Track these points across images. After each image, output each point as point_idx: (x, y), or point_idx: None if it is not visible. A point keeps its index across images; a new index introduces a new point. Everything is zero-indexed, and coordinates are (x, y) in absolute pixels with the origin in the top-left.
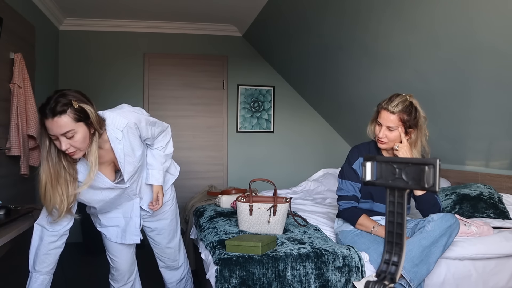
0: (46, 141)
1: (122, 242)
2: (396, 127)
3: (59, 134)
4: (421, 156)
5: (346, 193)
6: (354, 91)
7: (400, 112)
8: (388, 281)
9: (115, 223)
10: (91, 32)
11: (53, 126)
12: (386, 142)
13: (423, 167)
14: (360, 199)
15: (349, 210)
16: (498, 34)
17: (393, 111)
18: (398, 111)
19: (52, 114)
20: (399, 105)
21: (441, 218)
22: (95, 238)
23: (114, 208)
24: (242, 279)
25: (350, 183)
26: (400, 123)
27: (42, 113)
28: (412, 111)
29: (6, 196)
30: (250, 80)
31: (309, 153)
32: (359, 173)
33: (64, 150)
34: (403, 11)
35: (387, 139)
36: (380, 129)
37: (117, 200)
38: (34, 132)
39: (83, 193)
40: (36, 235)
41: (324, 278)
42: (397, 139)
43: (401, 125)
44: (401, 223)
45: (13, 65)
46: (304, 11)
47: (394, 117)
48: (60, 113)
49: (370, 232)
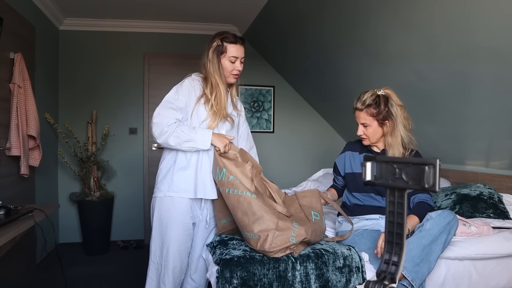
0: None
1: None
2: (370, 122)
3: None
4: (404, 146)
5: (332, 181)
6: (354, 90)
7: (367, 107)
8: (388, 281)
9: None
10: (91, 32)
11: (240, 51)
12: (366, 138)
13: (423, 167)
14: (351, 192)
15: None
16: (497, 33)
17: (361, 108)
18: (365, 107)
19: (242, 41)
20: (366, 101)
21: (439, 215)
22: (95, 238)
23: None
24: (243, 279)
25: (333, 172)
26: (370, 118)
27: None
28: (380, 103)
29: (6, 196)
30: (250, 80)
31: (309, 153)
32: (341, 166)
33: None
34: (402, 11)
35: (366, 136)
36: (358, 128)
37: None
38: (34, 132)
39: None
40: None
41: (325, 278)
42: (375, 134)
43: (372, 120)
44: (401, 223)
45: (13, 65)
46: (304, 11)
47: (363, 113)
48: (243, 41)
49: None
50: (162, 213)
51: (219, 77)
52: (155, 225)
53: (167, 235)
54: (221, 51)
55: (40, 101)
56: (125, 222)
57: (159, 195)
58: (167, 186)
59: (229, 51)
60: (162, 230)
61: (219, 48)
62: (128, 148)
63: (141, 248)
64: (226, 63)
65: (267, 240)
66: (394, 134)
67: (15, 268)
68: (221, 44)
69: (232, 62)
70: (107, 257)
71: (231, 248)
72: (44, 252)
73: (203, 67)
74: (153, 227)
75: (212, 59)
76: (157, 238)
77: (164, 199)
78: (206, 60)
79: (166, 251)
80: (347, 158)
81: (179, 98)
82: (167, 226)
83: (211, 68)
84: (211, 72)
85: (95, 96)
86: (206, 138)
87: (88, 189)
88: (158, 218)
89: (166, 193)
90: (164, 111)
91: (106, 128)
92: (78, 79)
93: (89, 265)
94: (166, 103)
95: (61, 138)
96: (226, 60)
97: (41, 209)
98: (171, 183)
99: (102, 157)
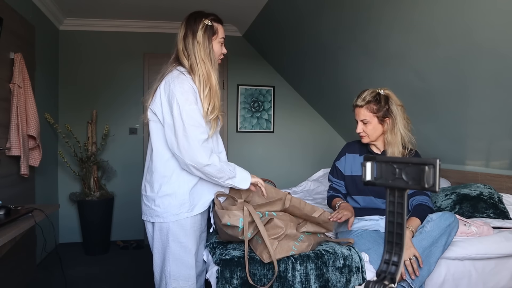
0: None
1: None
2: (369, 119)
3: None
4: (403, 145)
5: (331, 184)
6: (353, 90)
7: (368, 103)
8: (388, 281)
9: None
10: (91, 32)
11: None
12: (365, 136)
13: (423, 167)
14: (351, 195)
15: (329, 198)
16: (497, 33)
17: (361, 104)
18: (365, 103)
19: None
20: (366, 97)
21: (440, 217)
22: (95, 238)
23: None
24: (243, 279)
25: (332, 178)
26: (371, 114)
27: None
28: (380, 100)
29: (6, 196)
30: (250, 80)
31: (309, 153)
32: (342, 169)
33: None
34: (402, 11)
35: (365, 133)
36: (357, 126)
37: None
38: (34, 132)
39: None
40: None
41: (325, 278)
42: (375, 131)
43: (373, 116)
44: (401, 223)
45: (13, 65)
46: (304, 11)
47: (363, 110)
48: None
49: (335, 209)
50: (182, 234)
51: (211, 64)
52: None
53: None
54: (213, 33)
55: (40, 101)
56: (125, 222)
57: (177, 218)
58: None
59: (220, 32)
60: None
61: (210, 29)
62: (128, 148)
63: (141, 248)
64: (217, 47)
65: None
66: (394, 132)
67: (15, 268)
68: (211, 25)
69: (221, 45)
70: (107, 257)
71: (231, 248)
72: (44, 252)
73: (185, 56)
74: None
75: (203, 42)
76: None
77: (185, 220)
78: (193, 44)
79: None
80: (348, 161)
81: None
82: (187, 245)
83: (201, 53)
84: (202, 59)
85: (95, 96)
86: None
87: (88, 189)
88: (178, 242)
89: (188, 214)
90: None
91: (106, 128)
92: (78, 79)
93: (89, 265)
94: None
95: (61, 138)
96: (217, 43)
97: (41, 209)
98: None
99: (102, 157)
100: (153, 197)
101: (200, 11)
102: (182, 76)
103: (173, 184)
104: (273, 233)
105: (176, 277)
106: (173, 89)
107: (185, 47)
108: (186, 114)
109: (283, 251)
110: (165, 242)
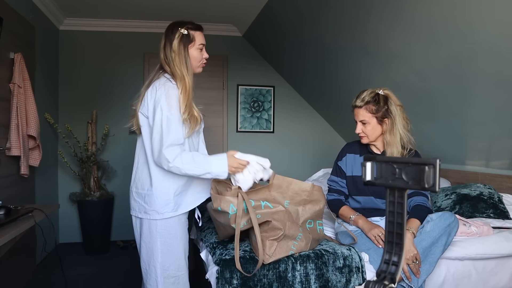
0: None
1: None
2: (368, 120)
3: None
4: (402, 145)
5: (333, 186)
6: (354, 90)
7: (367, 104)
8: (388, 281)
9: None
10: (91, 32)
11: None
12: (364, 136)
13: (423, 167)
14: (351, 195)
15: (332, 202)
16: (497, 33)
17: (360, 105)
18: (364, 104)
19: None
20: (365, 98)
21: (440, 217)
22: (95, 238)
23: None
24: (243, 280)
25: (335, 178)
26: (369, 115)
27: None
28: (379, 101)
29: (6, 196)
30: (250, 80)
31: (309, 153)
32: (344, 169)
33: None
34: (402, 10)
35: (364, 134)
36: (357, 126)
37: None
38: (34, 132)
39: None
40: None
41: (325, 278)
42: (374, 132)
43: (371, 117)
44: (401, 223)
45: (13, 65)
46: (304, 11)
47: (362, 110)
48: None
49: (349, 223)
50: (171, 231)
51: (186, 69)
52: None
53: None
54: (190, 40)
55: (40, 101)
56: (125, 222)
57: (163, 217)
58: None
59: (198, 39)
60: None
61: (186, 38)
62: (128, 148)
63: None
64: (195, 53)
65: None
66: (393, 133)
67: (15, 268)
68: (187, 33)
69: (201, 50)
70: (107, 257)
71: (231, 248)
72: (44, 252)
73: (166, 63)
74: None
75: (178, 50)
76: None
77: (172, 218)
78: (170, 53)
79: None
80: (349, 161)
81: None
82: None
83: (176, 60)
84: (177, 65)
85: (95, 96)
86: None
87: (88, 189)
88: (167, 233)
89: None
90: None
91: (106, 128)
92: (78, 79)
93: (89, 265)
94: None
95: (61, 138)
96: (196, 50)
97: (41, 209)
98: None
99: (102, 157)
100: (142, 194)
101: (179, 21)
102: (168, 83)
103: (159, 184)
104: (273, 234)
105: (166, 267)
106: (159, 95)
107: (165, 56)
108: (166, 119)
109: (283, 251)
110: (154, 234)
